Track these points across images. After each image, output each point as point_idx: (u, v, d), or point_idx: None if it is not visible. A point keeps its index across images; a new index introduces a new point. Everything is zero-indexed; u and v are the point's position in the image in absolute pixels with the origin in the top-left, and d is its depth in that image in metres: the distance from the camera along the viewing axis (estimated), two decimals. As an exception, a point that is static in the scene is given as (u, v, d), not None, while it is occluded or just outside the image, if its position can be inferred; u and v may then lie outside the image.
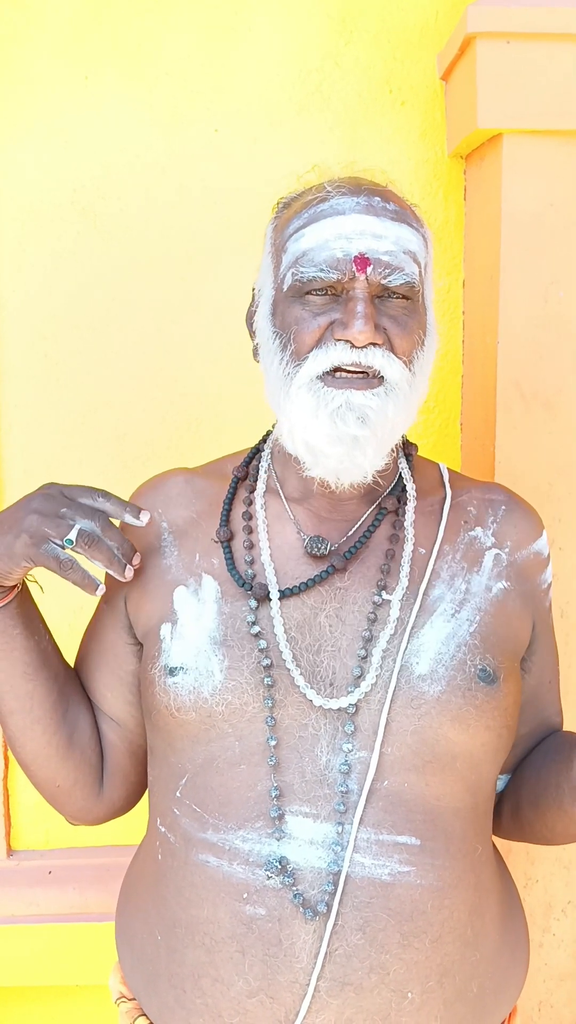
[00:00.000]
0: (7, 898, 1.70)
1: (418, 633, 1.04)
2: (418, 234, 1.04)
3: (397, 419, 1.01)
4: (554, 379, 1.50)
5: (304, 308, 1.01)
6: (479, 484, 1.19)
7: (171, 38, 1.61)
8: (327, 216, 1.01)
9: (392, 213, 1.02)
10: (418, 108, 1.63)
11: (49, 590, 1.79)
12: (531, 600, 1.14)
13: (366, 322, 0.97)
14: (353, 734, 1.01)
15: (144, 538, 1.15)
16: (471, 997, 1.04)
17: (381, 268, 0.99)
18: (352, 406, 0.99)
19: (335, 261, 0.99)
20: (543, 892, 1.60)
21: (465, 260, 1.66)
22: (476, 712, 1.02)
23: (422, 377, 1.04)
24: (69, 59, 1.61)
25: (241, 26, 1.61)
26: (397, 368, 1.00)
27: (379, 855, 0.99)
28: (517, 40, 1.41)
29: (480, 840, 1.07)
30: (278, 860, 0.98)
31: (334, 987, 0.97)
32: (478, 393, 1.61)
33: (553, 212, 1.47)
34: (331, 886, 0.98)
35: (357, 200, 1.02)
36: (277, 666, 1.03)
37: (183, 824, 1.04)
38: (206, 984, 1.01)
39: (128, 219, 1.64)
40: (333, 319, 1.00)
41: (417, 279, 1.02)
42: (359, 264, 0.98)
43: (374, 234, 1.00)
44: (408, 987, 0.99)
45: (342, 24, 1.62)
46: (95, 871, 1.71)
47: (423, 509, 1.13)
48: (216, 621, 1.06)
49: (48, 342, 1.66)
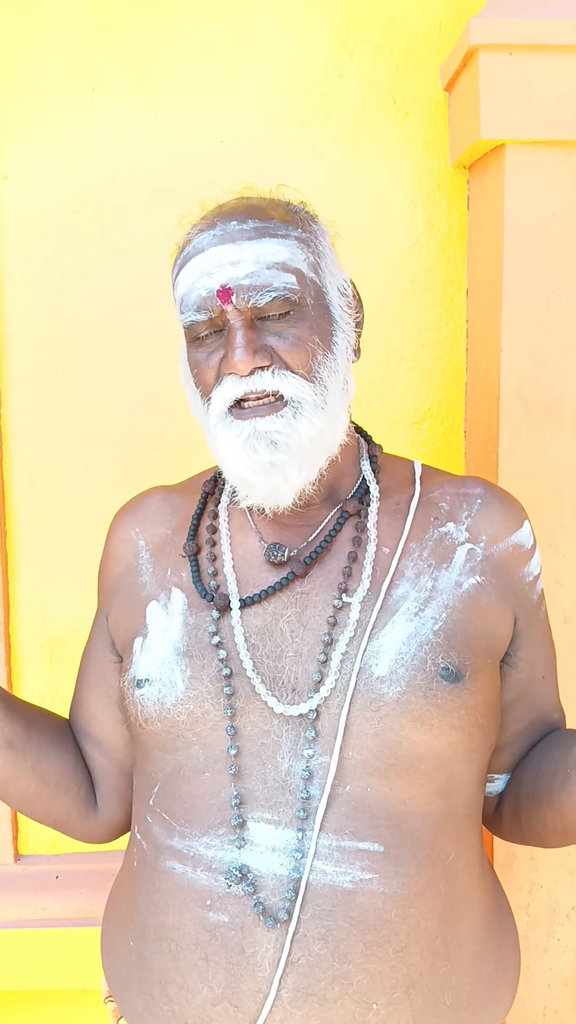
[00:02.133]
0: (15, 903, 1.71)
1: (378, 634, 1.03)
2: (287, 240, 1.02)
3: (313, 435, 1.01)
4: (557, 386, 1.51)
5: (199, 351, 1.04)
6: (454, 479, 1.17)
7: (176, 50, 1.63)
8: (191, 258, 1.04)
9: (249, 232, 1.02)
10: (421, 119, 1.65)
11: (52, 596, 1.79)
12: (511, 594, 1.11)
13: (245, 350, 0.98)
14: (314, 740, 1.00)
15: (123, 557, 1.17)
16: (443, 1010, 1.01)
17: (243, 293, 1.00)
18: (259, 434, 1.00)
19: (202, 301, 1.01)
20: (547, 897, 1.61)
21: (468, 269, 1.67)
22: (438, 712, 1.00)
23: (335, 381, 1.04)
24: (76, 71, 1.62)
25: (245, 37, 1.63)
26: (294, 384, 1.00)
27: (340, 862, 0.97)
28: (519, 52, 1.42)
29: (455, 846, 1.04)
30: (238, 868, 0.98)
31: (298, 997, 0.96)
32: (481, 400, 1.62)
33: (555, 221, 1.48)
34: (292, 893, 0.96)
35: (213, 233, 1.03)
36: (238, 674, 1.03)
37: (154, 831, 1.05)
38: (172, 991, 1.00)
39: (134, 229, 1.65)
40: (222, 356, 1.02)
41: (292, 287, 1.01)
42: (222, 296, 1.00)
43: (231, 261, 1.00)
44: (372, 998, 0.97)
45: (346, 35, 1.63)
46: (101, 876, 1.72)
47: (389, 508, 1.12)
48: (181, 632, 1.07)
49: (53, 350, 1.67)
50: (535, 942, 1.61)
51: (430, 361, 1.70)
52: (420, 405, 1.71)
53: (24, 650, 1.73)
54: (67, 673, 1.71)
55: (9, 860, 1.73)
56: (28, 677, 1.73)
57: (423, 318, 1.69)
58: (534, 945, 1.61)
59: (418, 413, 1.71)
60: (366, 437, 1.19)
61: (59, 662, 1.72)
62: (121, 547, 1.19)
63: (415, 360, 1.69)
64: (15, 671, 1.73)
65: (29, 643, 1.73)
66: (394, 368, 1.69)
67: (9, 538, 1.71)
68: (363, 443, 1.18)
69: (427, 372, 1.70)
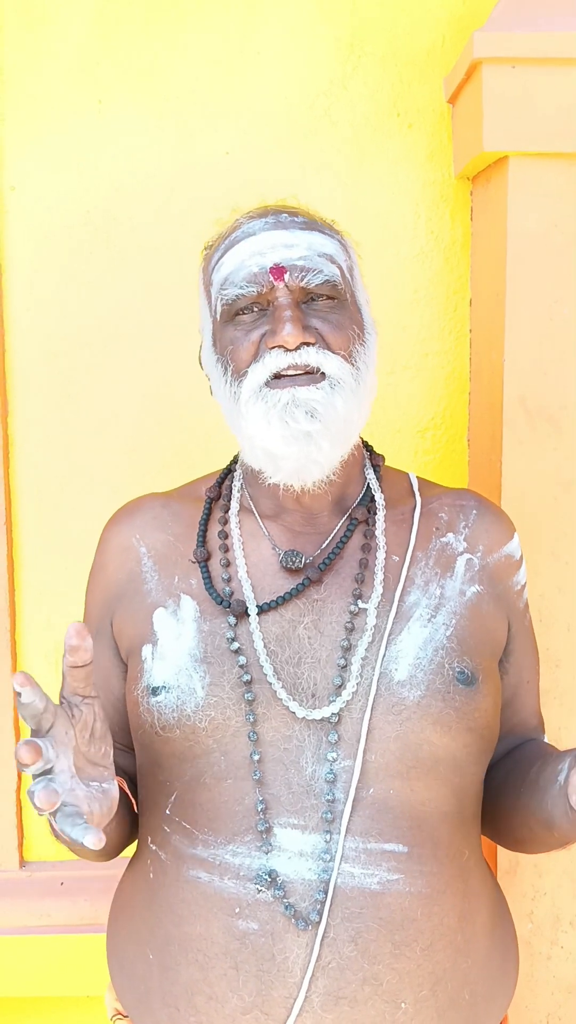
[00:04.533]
0: (19, 909, 1.71)
1: (396, 639, 1.05)
2: (332, 239, 1.08)
3: (347, 412, 1.03)
4: (559, 395, 1.52)
5: (236, 329, 1.06)
6: (449, 491, 1.21)
7: (182, 63, 1.64)
8: (240, 240, 1.07)
9: (300, 224, 1.07)
10: (425, 131, 1.66)
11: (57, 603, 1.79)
12: (504, 601, 1.15)
13: (294, 324, 1.01)
14: (337, 743, 1.01)
15: (125, 564, 1.17)
16: (464, 1004, 1.03)
17: (297, 273, 1.03)
18: (299, 401, 1.01)
19: (252, 276, 1.04)
20: (551, 905, 1.61)
21: (471, 279, 1.68)
22: (456, 715, 1.03)
23: (367, 372, 1.07)
24: (83, 83, 1.64)
25: (250, 50, 1.64)
26: (336, 362, 1.02)
27: (367, 864, 0.99)
28: (523, 65, 1.43)
29: (467, 845, 1.07)
30: (267, 873, 0.98)
31: (328, 1001, 0.97)
32: (484, 410, 1.63)
33: (558, 232, 1.49)
34: (322, 895, 0.97)
35: (265, 220, 1.07)
36: (258, 680, 1.04)
37: (173, 841, 1.05)
38: (200, 1002, 1.00)
39: (140, 239, 1.66)
40: (264, 332, 1.03)
41: (338, 278, 1.05)
42: (275, 273, 1.03)
43: (285, 244, 1.04)
44: (401, 997, 0.99)
45: (350, 48, 1.64)
46: (106, 883, 1.71)
47: (394, 518, 1.14)
48: (196, 639, 1.07)
49: (59, 359, 1.68)
50: (539, 949, 1.61)
51: (434, 371, 1.71)
52: (424, 414, 1.72)
53: (29, 657, 1.73)
54: (72, 680, 1.71)
55: (14, 866, 1.74)
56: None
57: (427, 328, 1.70)
58: (537, 952, 1.61)
59: (422, 422, 1.72)
60: (368, 447, 1.21)
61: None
62: (122, 554, 1.18)
63: (419, 370, 1.70)
64: (21, 678, 1.73)
65: (34, 650, 1.73)
66: (398, 377, 1.70)
67: (15, 545, 1.72)
68: (366, 453, 1.20)
69: (431, 382, 1.71)
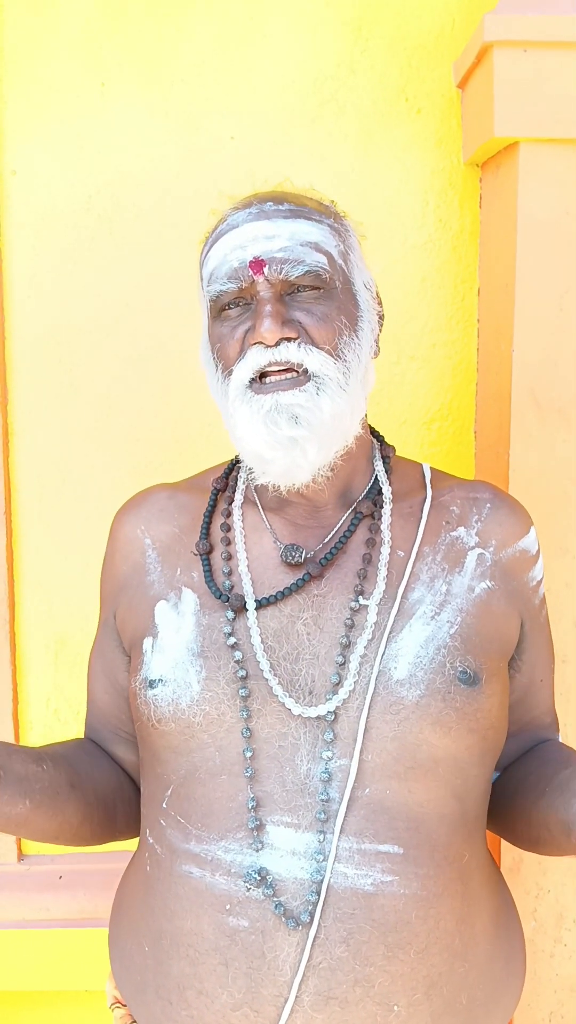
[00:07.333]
0: (18, 903, 1.70)
1: (396, 637, 1.03)
2: (320, 225, 1.05)
3: (335, 412, 1.01)
4: (569, 387, 1.50)
5: (223, 325, 1.05)
6: (463, 483, 1.18)
7: (187, 46, 1.61)
8: (224, 233, 1.05)
9: (284, 212, 1.04)
10: (434, 116, 1.63)
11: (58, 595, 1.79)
12: (518, 598, 1.12)
13: (272, 320, 0.99)
14: (333, 742, 1.00)
15: (130, 556, 1.16)
16: (460, 1009, 1.02)
17: (277, 265, 1.01)
18: (281, 407, 1.00)
19: (233, 271, 1.02)
20: (555, 902, 1.60)
21: (480, 268, 1.66)
22: (457, 715, 1.01)
23: (357, 365, 1.04)
24: (86, 66, 1.61)
25: (256, 33, 1.62)
26: (318, 358, 1.00)
27: (361, 864, 0.98)
28: (534, 49, 1.41)
29: (468, 847, 1.05)
30: (257, 871, 0.97)
31: (319, 1001, 0.96)
32: (492, 401, 1.61)
33: (569, 220, 1.46)
34: (314, 896, 0.96)
35: (248, 211, 1.05)
36: (254, 676, 1.03)
37: (168, 835, 1.04)
38: (191, 996, 1.00)
39: (143, 225, 1.64)
40: (248, 328, 1.02)
41: (323, 266, 1.02)
42: (254, 267, 1.01)
43: (266, 235, 1.02)
44: (394, 1000, 0.97)
45: (357, 32, 1.62)
46: (105, 876, 1.71)
47: (402, 511, 1.12)
48: (194, 633, 1.06)
49: (61, 347, 1.67)
50: (542, 947, 1.60)
51: (441, 361, 1.68)
52: (430, 405, 1.69)
53: (30, 649, 1.72)
54: (73, 672, 1.70)
55: (13, 860, 1.73)
56: (33, 677, 1.72)
57: (434, 317, 1.67)
58: (541, 950, 1.60)
59: (428, 413, 1.70)
60: (379, 437, 1.19)
61: (65, 661, 1.71)
62: (127, 546, 1.17)
63: (426, 360, 1.68)
64: (20, 671, 1.72)
65: (35, 642, 1.72)
66: (404, 367, 1.68)
67: (15, 537, 1.70)
68: (376, 443, 1.18)
69: (438, 372, 1.69)
